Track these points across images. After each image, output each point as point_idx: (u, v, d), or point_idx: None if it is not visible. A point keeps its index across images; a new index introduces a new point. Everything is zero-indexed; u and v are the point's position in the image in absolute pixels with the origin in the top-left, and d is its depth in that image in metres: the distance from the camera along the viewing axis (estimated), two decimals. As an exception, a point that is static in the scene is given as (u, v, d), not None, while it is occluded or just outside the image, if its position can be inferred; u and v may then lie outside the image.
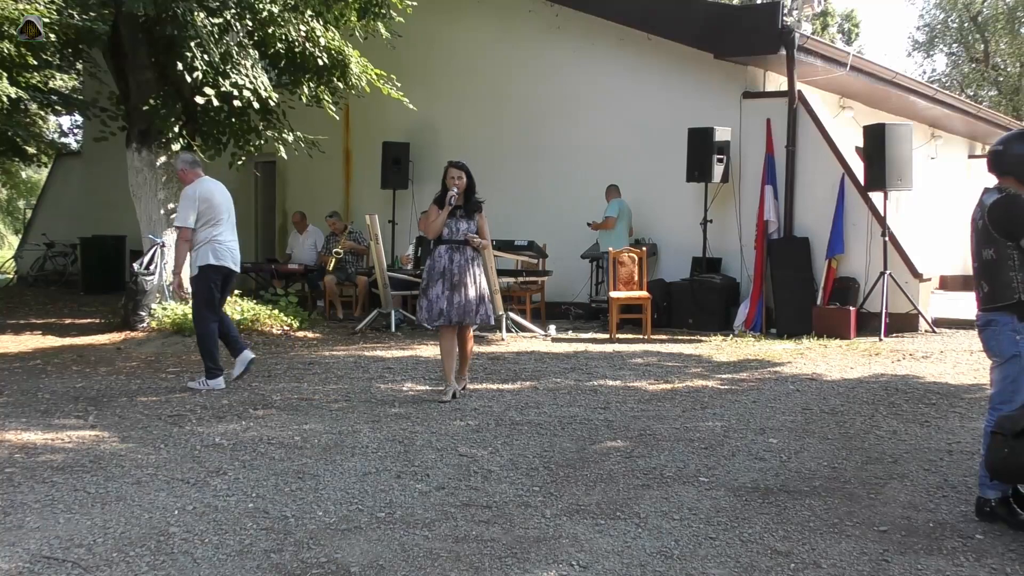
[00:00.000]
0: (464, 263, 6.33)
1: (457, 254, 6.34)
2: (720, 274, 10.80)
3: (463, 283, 6.30)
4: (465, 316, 6.33)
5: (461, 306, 6.30)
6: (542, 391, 6.97)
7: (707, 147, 10.45)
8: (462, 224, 6.37)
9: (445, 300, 6.28)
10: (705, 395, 6.79)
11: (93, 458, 5.06)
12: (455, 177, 6.34)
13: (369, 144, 13.24)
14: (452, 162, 6.43)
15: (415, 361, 8.37)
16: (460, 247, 6.36)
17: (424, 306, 6.36)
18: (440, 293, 6.29)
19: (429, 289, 6.33)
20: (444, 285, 6.29)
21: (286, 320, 10.22)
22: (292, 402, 6.55)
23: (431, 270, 6.35)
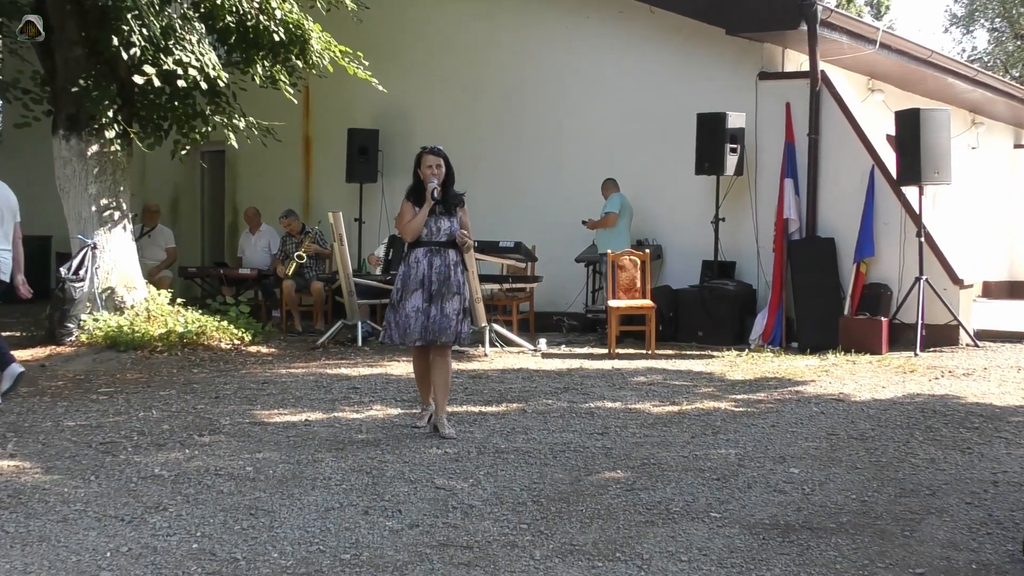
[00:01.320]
0: (446, 269, 6.05)
1: (438, 258, 6.07)
2: (734, 280, 10.84)
3: (442, 293, 6.02)
4: (440, 334, 6.03)
5: (436, 321, 6.01)
6: (531, 414, 6.96)
7: (719, 135, 10.49)
8: (443, 222, 6.09)
9: (423, 315, 6.00)
10: (717, 418, 6.80)
11: (12, 492, 5.01)
12: (433, 166, 6.08)
13: (332, 131, 13.23)
14: (428, 148, 6.14)
15: (385, 380, 8.35)
16: (442, 250, 6.09)
17: (394, 321, 6.06)
18: (417, 307, 6.01)
19: (404, 302, 6.03)
20: (422, 296, 6.01)
21: (236, 333, 10.19)
22: (243, 427, 6.53)
23: (406, 279, 6.07)
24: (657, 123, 11.43)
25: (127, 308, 10.08)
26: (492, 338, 10.16)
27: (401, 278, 6.12)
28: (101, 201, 10.17)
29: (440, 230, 6.10)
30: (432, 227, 6.09)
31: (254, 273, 12.36)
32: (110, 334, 9.49)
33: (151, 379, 8.38)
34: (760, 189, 10.87)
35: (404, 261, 6.15)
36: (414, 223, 6.07)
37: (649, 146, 11.48)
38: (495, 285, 10.79)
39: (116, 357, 9.22)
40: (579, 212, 11.38)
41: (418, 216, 6.04)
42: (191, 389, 7.89)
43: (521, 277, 11.12)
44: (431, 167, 6.09)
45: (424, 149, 6.18)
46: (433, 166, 6.09)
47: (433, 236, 6.10)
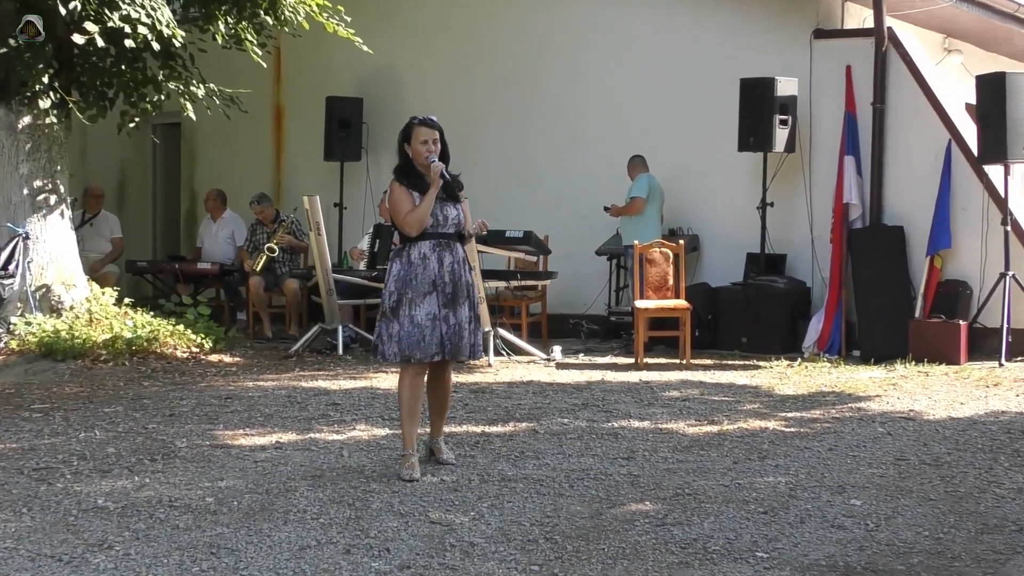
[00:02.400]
0: (458, 267, 5.91)
1: (448, 254, 5.90)
2: (784, 276, 10.81)
3: (457, 297, 5.88)
4: (460, 348, 5.90)
5: (455, 332, 5.86)
6: (543, 436, 6.94)
7: (766, 105, 10.47)
8: (450, 210, 5.92)
9: (441, 324, 5.83)
10: (764, 440, 6.77)
11: (-69, 527, 5.02)
12: (428, 141, 5.88)
13: (308, 101, 13.23)
14: (420, 119, 5.94)
15: (370, 394, 8.33)
16: (451, 244, 5.91)
17: (387, 333, 5.83)
18: (433, 314, 5.81)
19: (411, 309, 5.80)
20: (437, 301, 5.83)
21: (194, 339, 10.19)
22: (203, 450, 6.52)
23: (409, 280, 5.83)
24: (693, 91, 11.41)
25: (65, 310, 10.09)
26: (497, 345, 10.16)
27: (400, 280, 5.85)
28: (34, 183, 10.18)
29: (448, 219, 5.91)
30: (439, 216, 5.89)
31: (216, 268, 12.38)
32: (45, 340, 9.49)
33: (94, 393, 8.37)
34: (815, 169, 10.84)
35: (399, 258, 5.90)
36: (421, 211, 5.82)
37: (683, 118, 11.45)
38: (501, 283, 10.79)
39: (52, 367, 9.21)
40: (600, 197, 11.36)
41: (425, 202, 5.82)
42: (141, 405, 7.88)
43: (532, 273, 11.11)
44: (425, 142, 5.87)
45: (415, 120, 5.94)
46: (429, 141, 5.87)
47: (440, 227, 5.90)
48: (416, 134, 5.91)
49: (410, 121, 5.97)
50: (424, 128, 5.91)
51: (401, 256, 5.91)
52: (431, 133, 5.90)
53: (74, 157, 11.90)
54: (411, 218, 5.84)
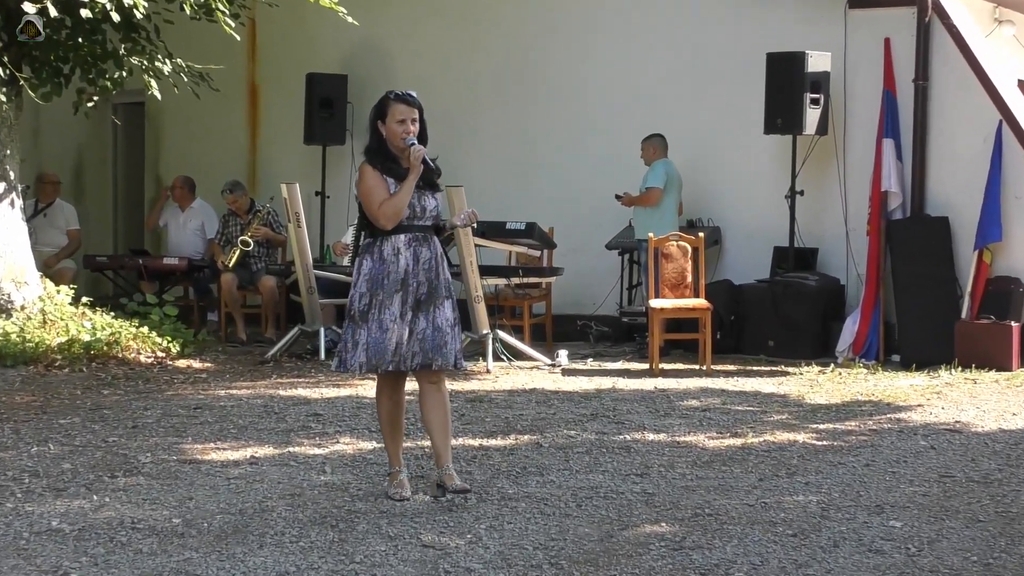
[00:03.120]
0: (435, 264, 5.82)
1: (425, 249, 5.81)
2: (816, 273, 10.81)
3: (433, 298, 5.79)
4: (435, 354, 5.75)
5: (428, 338, 5.74)
6: (547, 449, 6.94)
7: (796, 82, 10.47)
8: (428, 199, 5.85)
9: (406, 328, 5.72)
10: (793, 455, 6.78)
11: None
12: (407, 119, 5.74)
13: (287, 78, 13.22)
14: (398, 95, 5.79)
15: (356, 404, 8.33)
16: (427, 238, 5.84)
17: (352, 340, 5.74)
18: (397, 317, 5.71)
19: (376, 311, 5.72)
20: (401, 302, 5.73)
21: (160, 342, 10.18)
22: (169, 466, 6.51)
23: (377, 278, 5.75)
24: (714, 67, 11.39)
25: (15, 310, 10.07)
26: (497, 349, 10.15)
27: (368, 278, 5.78)
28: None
29: (426, 211, 5.83)
30: (416, 207, 5.79)
31: (183, 264, 12.34)
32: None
33: (47, 403, 8.36)
34: (850, 153, 10.83)
35: (369, 254, 5.81)
36: (398, 201, 5.71)
37: (703, 98, 11.43)
38: (501, 280, 10.77)
39: (1, 374, 9.20)
40: (611, 184, 11.32)
41: (403, 191, 5.71)
42: (100, 416, 7.87)
43: (535, 269, 11.09)
44: (403, 121, 5.74)
45: (391, 95, 5.79)
46: (407, 120, 5.74)
47: (417, 219, 5.81)
48: (392, 111, 5.76)
49: (385, 96, 5.83)
50: (401, 105, 5.76)
51: (372, 252, 5.80)
52: (409, 111, 5.76)
53: (25, 140, 11.87)
54: (386, 209, 5.72)
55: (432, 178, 5.86)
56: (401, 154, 5.77)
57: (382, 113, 5.79)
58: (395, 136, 5.75)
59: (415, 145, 5.71)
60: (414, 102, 5.79)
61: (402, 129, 5.73)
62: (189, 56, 10.74)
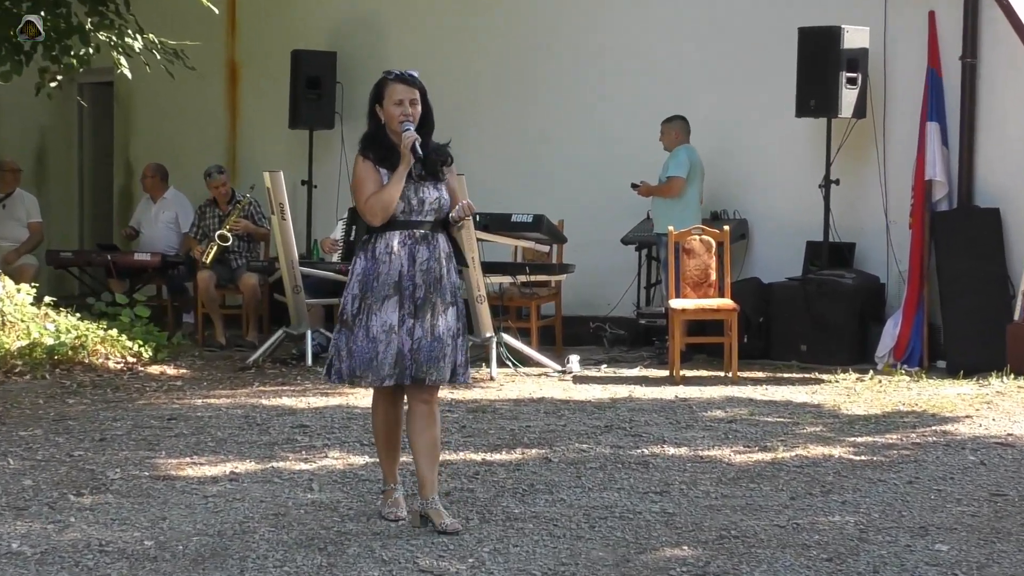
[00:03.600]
0: (435, 265, 5.71)
1: (423, 248, 5.71)
2: (853, 270, 10.80)
3: (431, 303, 5.69)
4: (430, 367, 5.66)
5: (424, 348, 5.66)
6: (557, 465, 6.94)
7: (831, 60, 10.46)
8: (428, 191, 5.74)
9: (399, 337, 5.64)
10: (828, 471, 6.77)
11: None
12: (405, 101, 5.69)
13: (270, 55, 13.22)
14: (397, 74, 5.74)
15: (346, 414, 8.33)
16: (428, 235, 5.74)
17: (346, 348, 5.69)
18: (390, 324, 5.64)
19: (367, 316, 5.66)
20: (400, 308, 5.65)
21: (130, 346, 10.18)
22: (140, 483, 6.51)
23: (369, 280, 5.69)
24: (740, 43, 11.38)
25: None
26: (502, 354, 10.16)
27: (360, 279, 5.72)
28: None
29: (424, 204, 5.73)
30: (412, 200, 5.71)
31: (156, 260, 12.32)
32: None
33: (7, 413, 8.36)
34: (891, 138, 10.83)
35: (363, 252, 5.76)
36: (386, 194, 5.66)
37: (728, 77, 11.43)
38: (506, 278, 10.76)
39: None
40: (627, 172, 11.30)
41: (391, 184, 5.65)
42: (65, 428, 7.87)
43: (543, 266, 11.09)
44: (401, 103, 5.69)
45: (388, 75, 5.75)
46: (406, 101, 5.68)
47: (414, 214, 5.73)
48: (389, 92, 5.70)
49: (383, 76, 5.77)
50: (400, 85, 5.70)
51: (366, 250, 5.75)
52: (409, 92, 5.70)
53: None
54: (373, 203, 5.66)
55: (434, 167, 5.75)
56: (399, 140, 5.69)
57: (379, 95, 5.74)
58: (392, 120, 5.70)
59: (408, 131, 5.64)
60: (414, 82, 5.72)
61: (399, 112, 5.67)
62: (162, 32, 10.77)
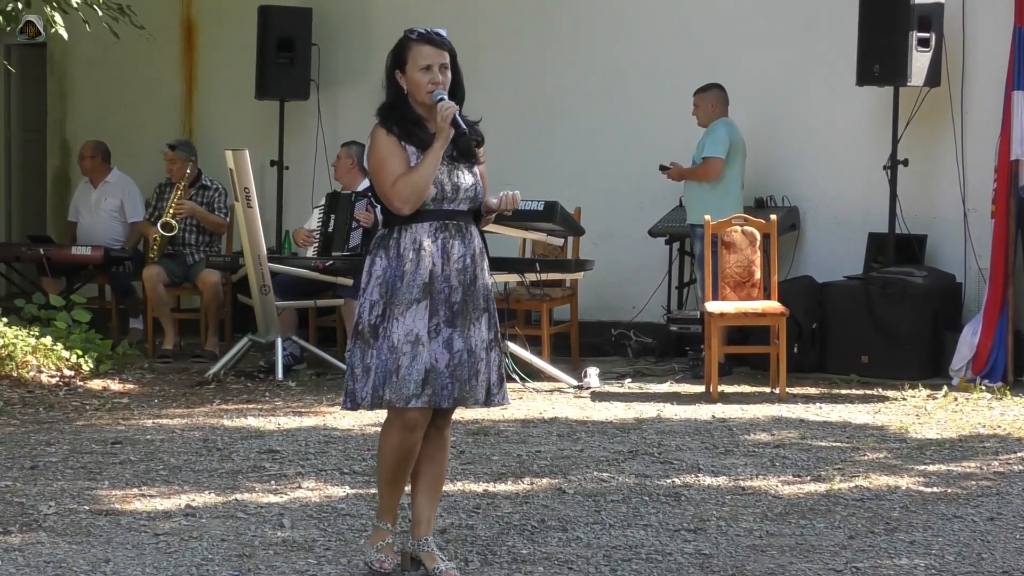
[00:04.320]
0: (471, 264, 5.63)
1: (458, 243, 5.61)
2: (924, 267, 10.82)
3: (468, 310, 5.61)
4: (468, 389, 5.57)
5: (463, 364, 5.57)
6: (572, 497, 6.94)
7: (899, 18, 10.49)
8: (462, 175, 5.64)
9: (428, 351, 5.53)
10: (894, 505, 6.77)
11: None
12: (435, 66, 5.58)
13: (232, 11, 13.27)
14: (422, 34, 5.62)
15: (323, 437, 8.37)
16: (463, 228, 5.65)
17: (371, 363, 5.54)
18: (418, 334, 5.52)
19: (390, 324, 5.54)
20: (433, 315, 5.55)
21: (67, 357, 10.20)
22: (79, 518, 6.51)
23: (395, 279, 5.56)
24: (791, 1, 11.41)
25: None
26: (507, 367, 10.11)
27: (380, 282, 5.60)
28: None
29: (460, 190, 5.62)
30: (446, 185, 5.59)
31: (98, 254, 12.28)
32: None
33: (-79, 436, 8.40)
34: (970, 110, 10.86)
35: (383, 250, 5.63)
36: (419, 176, 5.52)
37: (775, 39, 11.47)
38: (512, 277, 10.76)
39: None
40: (654, 152, 11.35)
41: (425, 163, 5.52)
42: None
43: (557, 262, 11.09)
44: (429, 68, 5.57)
45: (412, 35, 5.61)
46: (435, 66, 5.57)
47: (447, 201, 5.61)
48: (414, 56, 5.58)
49: (404, 37, 5.64)
50: (427, 47, 5.58)
51: (387, 246, 5.61)
52: (438, 55, 5.59)
53: None
54: (401, 187, 5.52)
55: (469, 146, 5.66)
56: (428, 113, 5.60)
57: (400, 60, 5.60)
58: (419, 89, 5.58)
59: (444, 100, 5.52)
60: (443, 43, 5.62)
61: (427, 79, 5.55)
62: (105, -14, 10.78)
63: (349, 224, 10.97)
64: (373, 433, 8.23)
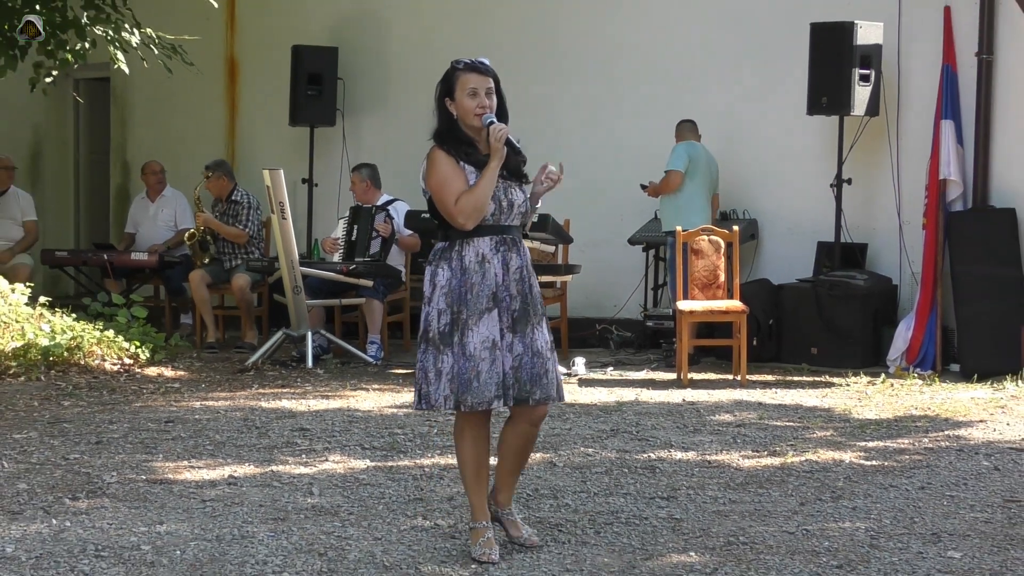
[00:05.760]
0: (527, 274, 5.44)
1: (515, 255, 5.42)
2: (865, 271, 10.80)
3: (527, 314, 5.41)
4: (535, 386, 5.36)
5: (524, 366, 5.36)
6: (562, 469, 6.95)
7: (843, 56, 10.44)
8: (515, 193, 5.46)
9: (500, 354, 5.34)
10: (839, 476, 6.78)
11: None
12: (480, 91, 5.37)
13: (270, 51, 13.23)
14: (468, 63, 5.43)
15: (348, 417, 8.35)
16: (516, 240, 5.45)
17: (444, 368, 5.33)
18: (492, 340, 5.33)
19: (465, 333, 5.32)
20: (499, 321, 5.36)
21: (127, 348, 10.21)
22: (137, 486, 6.53)
23: (463, 291, 5.35)
24: (751, 37, 11.38)
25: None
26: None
27: (446, 292, 5.37)
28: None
29: (514, 206, 5.43)
30: (503, 201, 5.39)
31: (154, 260, 12.32)
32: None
33: (1, 415, 8.37)
34: (905, 136, 10.82)
35: (446, 262, 5.40)
36: (479, 193, 5.31)
37: (738, 72, 11.43)
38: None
39: None
40: (635, 171, 11.31)
41: (483, 181, 5.30)
42: (60, 430, 7.88)
43: (548, 267, 11.08)
44: (476, 93, 5.36)
45: (459, 65, 5.42)
46: (480, 91, 5.36)
47: (505, 216, 5.42)
48: (462, 83, 5.37)
49: (451, 68, 5.44)
50: (473, 74, 5.38)
51: (450, 259, 5.38)
52: (483, 81, 5.38)
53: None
54: (465, 204, 5.29)
55: (518, 165, 5.49)
56: (478, 135, 5.42)
57: (449, 88, 5.40)
58: (468, 113, 5.37)
59: (494, 123, 5.34)
60: (487, 70, 5.42)
61: (475, 103, 5.35)
62: (160, 26, 10.80)
63: (369, 234, 11.00)
64: (391, 414, 8.39)
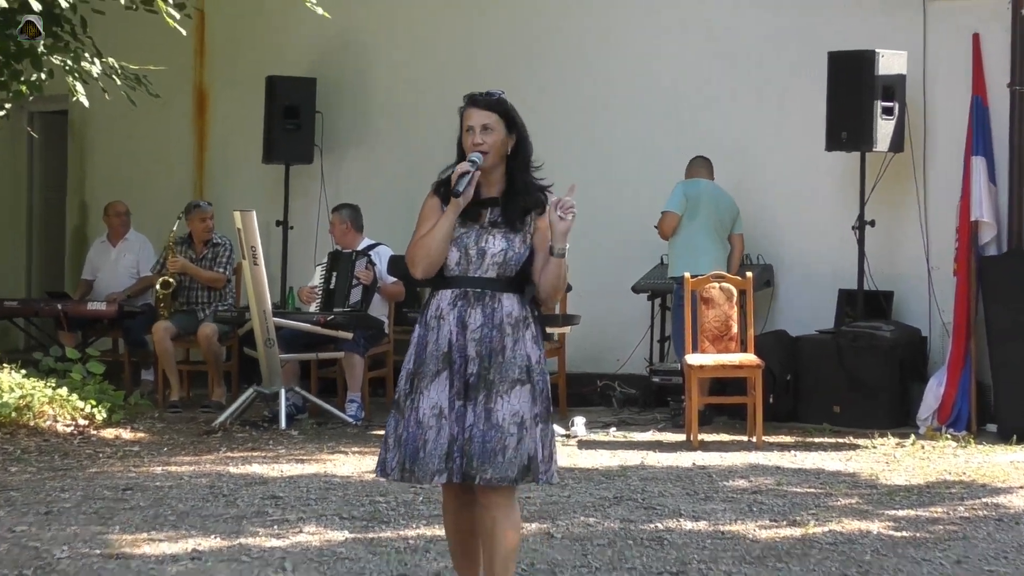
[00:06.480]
0: (494, 333, 5.28)
1: (477, 311, 5.28)
2: (891, 321, 10.84)
3: (488, 380, 5.24)
4: (484, 462, 5.17)
5: (477, 436, 5.19)
6: (560, 542, 6.92)
7: (864, 88, 10.53)
8: (493, 241, 5.33)
9: (446, 422, 5.23)
10: (866, 549, 6.76)
11: None
12: (476, 128, 5.35)
13: (242, 81, 13.34)
14: (472, 97, 5.45)
15: (325, 483, 8.36)
16: (487, 295, 5.30)
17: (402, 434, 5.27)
18: (440, 407, 5.24)
19: (419, 397, 5.27)
20: (449, 385, 5.25)
21: (82, 407, 10.18)
22: (91, 562, 6.49)
23: (422, 347, 5.31)
24: (764, 68, 11.48)
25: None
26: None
27: (415, 351, 5.35)
28: None
29: (486, 256, 5.31)
30: (470, 250, 5.30)
31: (112, 310, 12.34)
32: None
33: (-57, 482, 8.39)
34: (932, 174, 10.89)
35: (422, 313, 5.41)
36: (428, 239, 5.28)
37: (750, 106, 11.51)
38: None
39: None
40: (638, 212, 11.43)
41: (438, 225, 5.27)
42: (6, 499, 7.87)
43: (546, 317, 10.92)
44: (470, 130, 5.36)
45: (465, 99, 5.47)
46: (476, 128, 5.36)
47: (472, 267, 5.33)
48: (465, 119, 5.42)
49: (467, 100, 5.48)
50: (471, 108, 5.40)
51: (424, 313, 5.39)
52: (482, 116, 5.37)
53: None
54: (412, 250, 5.33)
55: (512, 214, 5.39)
56: (485, 178, 5.40)
57: (460, 125, 5.46)
58: (468, 153, 5.38)
59: (469, 163, 5.31)
60: (487, 103, 5.41)
61: (470, 141, 5.36)
62: (123, 55, 10.80)
63: (349, 281, 11.00)
64: (372, 480, 8.28)
